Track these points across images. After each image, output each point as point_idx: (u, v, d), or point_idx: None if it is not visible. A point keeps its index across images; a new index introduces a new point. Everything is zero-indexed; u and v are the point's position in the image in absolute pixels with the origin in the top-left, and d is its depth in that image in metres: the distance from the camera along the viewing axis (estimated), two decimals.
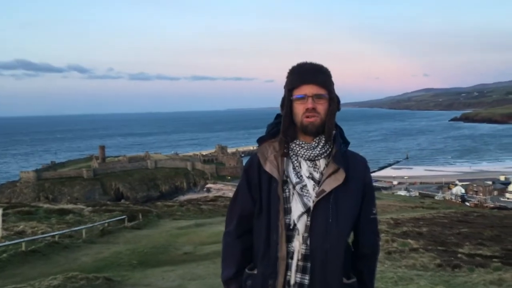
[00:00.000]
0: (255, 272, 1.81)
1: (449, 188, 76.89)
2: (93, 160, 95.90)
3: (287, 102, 1.78)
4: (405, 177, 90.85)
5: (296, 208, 1.72)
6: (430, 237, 14.45)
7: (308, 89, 1.73)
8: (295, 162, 1.78)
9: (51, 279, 7.52)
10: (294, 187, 1.74)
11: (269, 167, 1.76)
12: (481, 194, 70.72)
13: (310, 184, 1.74)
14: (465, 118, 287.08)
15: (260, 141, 1.87)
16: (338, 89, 1.81)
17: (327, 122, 1.75)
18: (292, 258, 1.72)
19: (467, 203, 64.44)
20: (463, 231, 16.67)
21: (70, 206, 28.87)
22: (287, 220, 1.73)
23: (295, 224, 1.71)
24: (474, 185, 73.69)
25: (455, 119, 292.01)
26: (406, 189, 76.77)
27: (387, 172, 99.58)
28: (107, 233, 16.73)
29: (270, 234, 1.74)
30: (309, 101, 1.72)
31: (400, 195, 67.43)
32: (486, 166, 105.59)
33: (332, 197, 1.71)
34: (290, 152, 1.79)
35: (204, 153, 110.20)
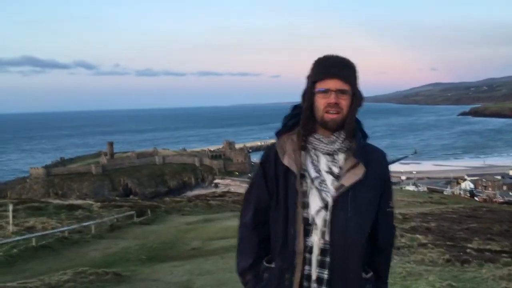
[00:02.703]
0: (273, 265, 1.79)
1: (458, 183, 76.43)
2: (101, 156, 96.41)
3: (309, 94, 1.74)
4: (413, 172, 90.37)
5: (314, 202, 1.69)
6: (438, 232, 14.40)
7: (332, 83, 1.68)
8: (314, 156, 1.75)
9: (61, 274, 7.60)
10: (312, 182, 1.71)
11: (287, 161, 1.73)
12: (490, 189, 70.22)
13: (329, 178, 1.71)
14: (474, 113, 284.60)
15: (279, 134, 1.84)
16: None
17: (348, 119, 1.71)
18: (310, 252, 1.70)
19: (476, 198, 64.02)
20: (472, 226, 16.60)
21: (79, 201, 29.12)
22: (305, 215, 1.70)
23: (313, 219, 1.69)
24: (483, 180, 73.17)
25: (464, 114, 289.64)
26: (414, 184, 76.38)
27: (395, 167, 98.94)
28: (116, 228, 16.86)
29: (287, 228, 1.72)
30: (332, 95, 1.68)
31: (408, 190, 67.09)
32: (495, 160, 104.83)
33: (352, 192, 1.68)
34: (308, 145, 1.76)
35: (211, 149, 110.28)
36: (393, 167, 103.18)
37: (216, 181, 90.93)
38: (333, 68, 1.70)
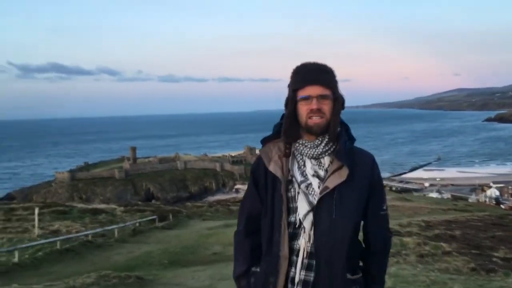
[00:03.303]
0: (258, 269, 1.85)
1: (483, 190, 74.84)
2: (124, 161, 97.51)
3: (291, 102, 1.78)
4: (437, 179, 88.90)
5: (302, 206, 1.73)
6: (463, 240, 14.11)
7: (312, 90, 1.72)
8: (300, 161, 1.79)
9: (85, 277, 7.70)
10: (299, 186, 1.75)
11: (273, 167, 1.78)
12: None
13: (315, 182, 1.74)
14: (500, 119, 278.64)
15: (264, 141, 1.89)
16: (366, 90, 1.76)
17: (331, 122, 1.74)
18: (297, 255, 1.74)
19: (501, 206, 62.57)
20: (497, 234, 16.21)
21: (102, 206, 29.51)
22: (292, 219, 1.75)
23: (301, 223, 1.73)
24: (510, 187, 71.52)
25: (489, 120, 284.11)
26: (438, 191, 75.08)
27: (418, 173, 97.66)
28: (139, 232, 17.01)
29: (273, 233, 1.77)
30: (313, 102, 1.72)
31: (432, 197, 66.03)
32: None
33: (336, 194, 1.71)
34: (295, 151, 1.80)
35: (233, 154, 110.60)
36: (416, 174, 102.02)
37: (237, 186, 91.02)
38: (312, 75, 1.74)
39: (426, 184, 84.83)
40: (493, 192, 71.53)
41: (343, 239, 1.71)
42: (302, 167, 1.78)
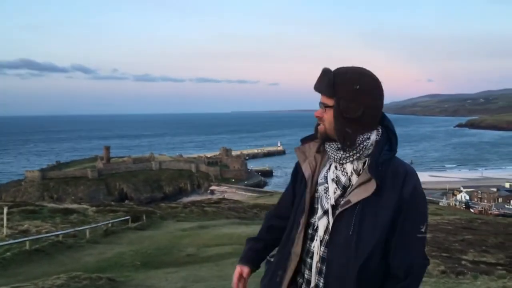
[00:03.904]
0: (272, 259, 1.89)
1: (454, 195, 76.54)
2: (97, 161, 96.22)
3: None
4: None
5: (320, 209, 1.73)
6: (434, 244, 14.39)
7: (321, 97, 1.72)
8: (328, 164, 1.79)
9: (54, 279, 7.54)
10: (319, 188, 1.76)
11: (304, 167, 1.79)
12: (485, 201, 70.37)
13: (332, 186, 1.70)
14: (471, 125, 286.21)
15: (303, 140, 1.88)
16: None
17: (328, 131, 1.70)
18: (311, 258, 1.71)
19: (471, 210, 64.12)
20: (467, 238, 16.60)
21: (74, 205, 28.99)
22: (312, 220, 1.75)
23: (317, 225, 1.72)
24: (479, 191, 73.31)
25: (460, 125, 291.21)
26: None
27: None
28: (111, 233, 16.78)
29: (292, 230, 1.79)
30: (320, 109, 1.72)
31: None
32: (491, 172, 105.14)
33: (358, 209, 1.60)
34: (327, 154, 1.78)
35: (208, 155, 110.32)
36: None
37: (212, 187, 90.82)
38: (317, 82, 1.72)
39: None
40: (463, 196, 73.26)
41: (356, 259, 1.58)
42: (327, 170, 1.77)
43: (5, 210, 15.32)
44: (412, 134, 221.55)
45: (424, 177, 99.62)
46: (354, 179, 1.67)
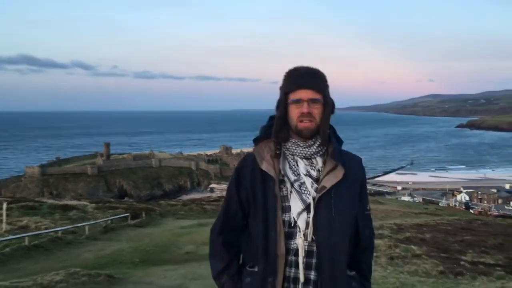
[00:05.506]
0: (256, 269, 1.82)
1: (453, 195, 76.59)
2: (97, 157, 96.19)
3: (283, 104, 1.82)
4: (409, 183, 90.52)
5: (296, 205, 1.74)
6: (433, 244, 14.38)
7: (304, 94, 1.75)
8: (292, 161, 1.82)
9: (53, 275, 7.54)
10: (292, 185, 1.76)
11: (266, 166, 1.79)
12: (485, 202, 70.44)
13: (308, 181, 1.77)
14: (471, 125, 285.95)
15: (256, 141, 1.91)
16: (343, 93, 1.74)
17: (321, 126, 1.78)
18: (295, 255, 1.74)
19: (471, 211, 64.11)
20: (466, 239, 16.58)
21: (74, 202, 29.02)
22: (286, 218, 1.75)
23: (295, 222, 1.74)
24: (479, 192, 73.41)
25: (461, 126, 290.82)
26: (410, 195, 76.45)
27: (391, 177, 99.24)
28: (110, 230, 16.79)
29: (268, 232, 1.76)
30: (304, 105, 1.75)
31: (404, 200, 67.15)
32: (491, 173, 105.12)
33: (333, 193, 1.74)
34: (286, 151, 1.83)
35: (208, 153, 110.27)
36: (389, 177, 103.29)
37: (212, 185, 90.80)
38: (304, 79, 1.77)
39: (399, 188, 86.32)
40: (463, 197, 73.35)
41: (344, 236, 1.76)
42: (294, 166, 1.80)
43: (5, 205, 15.32)
44: (412, 134, 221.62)
45: (424, 177, 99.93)
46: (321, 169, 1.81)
